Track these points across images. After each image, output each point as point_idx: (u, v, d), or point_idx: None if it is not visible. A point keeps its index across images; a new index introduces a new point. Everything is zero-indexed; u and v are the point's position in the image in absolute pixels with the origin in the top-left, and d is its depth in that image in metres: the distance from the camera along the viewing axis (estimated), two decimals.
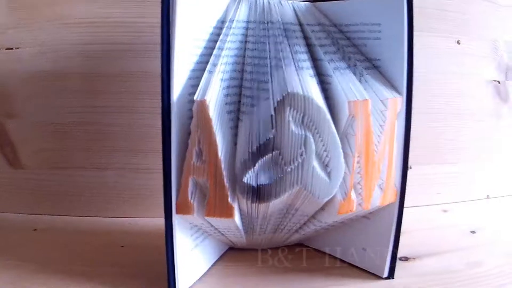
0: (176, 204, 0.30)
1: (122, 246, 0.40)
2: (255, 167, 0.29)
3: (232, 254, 0.39)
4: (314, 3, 0.35)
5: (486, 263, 0.38)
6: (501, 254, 0.39)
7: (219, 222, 0.31)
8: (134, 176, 0.45)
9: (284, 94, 0.28)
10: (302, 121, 0.29)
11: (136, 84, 0.44)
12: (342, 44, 0.34)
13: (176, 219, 0.30)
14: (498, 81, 0.52)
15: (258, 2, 0.34)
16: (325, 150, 0.29)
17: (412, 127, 0.52)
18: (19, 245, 0.39)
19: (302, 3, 0.35)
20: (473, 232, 0.45)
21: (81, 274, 0.34)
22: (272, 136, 0.28)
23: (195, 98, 0.28)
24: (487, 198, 0.54)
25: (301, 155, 0.29)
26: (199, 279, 0.34)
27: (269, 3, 0.34)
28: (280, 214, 0.33)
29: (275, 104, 0.28)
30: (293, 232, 0.36)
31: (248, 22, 0.33)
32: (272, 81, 0.30)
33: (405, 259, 0.39)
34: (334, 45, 0.34)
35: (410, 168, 0.52)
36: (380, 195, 0.32)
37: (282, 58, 0.30)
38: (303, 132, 0.29)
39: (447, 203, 0.53)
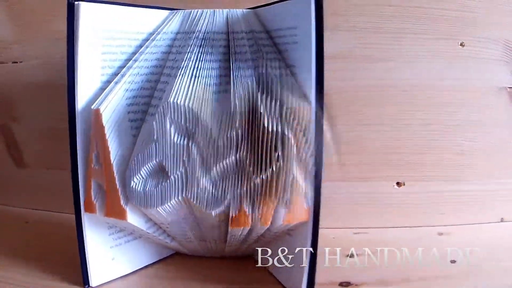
0: (84, 202, 0.32)
1: None
2: (141, 173, 0.30)
3: (176, 259, 0.39)
4: (255, 9, 0.35)
5: None
6: None
7: (122, 223, 0.32)
8: None
9: (164, 104, 0.29)
10: (186, 131, 0.29)
11: None
12: (264, 51, 0.33)
13: (86, 216, 0.33)
14: None
15: (191, 13, 0.35)
16: (209, 158, 0.29)
17: (413, 140, 0.48)
18: (7, 233, 0.46)
19: (240, 10, 0.35)
20: (453, 261, 0.39)
21: (40, 261, 0.39)
22: (154, 145, 0.29)
23: (92, 107, 0.31)
24: (501, 221, 0.46)
25: (184, 164, 0.29)
26: (121, 277, 0.36)
27: (201, 13, 0.34)
28: (187, 224, 0.33)
29: (157, 114, 0.29)
30: (221, 242, 0.36)
31: (177, 33, 0.34)
32: (165, 91, 0.30)
33: (347, 284, 0.36)
34: (254, 52, 0.33)
35: (404, 184, 0.48)
36: (285, 212, 0.30)
37: (181, 67, 0.31)
38: (185, 142, 0.29)
39: (448, 225, 0.46)
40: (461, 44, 0.44)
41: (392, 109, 0.46)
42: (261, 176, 0.28)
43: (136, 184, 0.30)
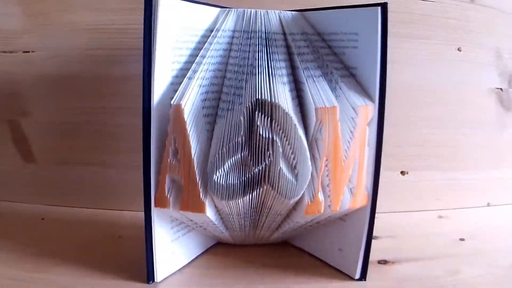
0: (155, 198, 0.32)
1: (119, 237, 0.43)
2: (224, 167, 0.31)
3: (220, 248, 0.41)
4: (302, 12, 0.37)
5: (465, 271, 0.38)
6: (483, 264, 0.39)
7: (194, 216, 0.33)
8: (136, 173, 0.48)
9: (253, 100, 0.30)
10: (270, 126, 0.31)
11: (139, 86, 0.47)
12: (322, 52, 0.35)
13: (155, 212, 0.33)
14: (501, 89, 0.51)
15: (245, 12, 0.36)
16: (292, 153, 0.31)
17: (411, 135, 0.53)
18: (26, 231, 0.44)
19: (290, 12, 0.37)
20: (462, 239, 0.45)
21: (73, 260, 0.38)
22: (240, 139, 0.31)
23: (172, 102, 0.31)
24: (488, 206, 0.54)
25: (268, 157, 0.31)
26: (179, 270, 0.37)
27: (256, 13, 0.36)
28: (254, 212, 0.35)
29: (245, 110, 0.30)
30: (274, 230, 0.38)
31: (234, 31, 0.35)
32: (245, 88, 0.32)
33: (384, 262, 0.40)
34: (313, 53, 0.35)
35: (407, 173, 0.54)
36: (350, 198, 0.34)
37: (257, 66, 0.32)
38: (270, 136, 0.31)
39: (444, 209, 0.52)
40: (458, 49, 0.50)
41: (396, 108, 0.51)
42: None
43: (218, 177, 0.31)
